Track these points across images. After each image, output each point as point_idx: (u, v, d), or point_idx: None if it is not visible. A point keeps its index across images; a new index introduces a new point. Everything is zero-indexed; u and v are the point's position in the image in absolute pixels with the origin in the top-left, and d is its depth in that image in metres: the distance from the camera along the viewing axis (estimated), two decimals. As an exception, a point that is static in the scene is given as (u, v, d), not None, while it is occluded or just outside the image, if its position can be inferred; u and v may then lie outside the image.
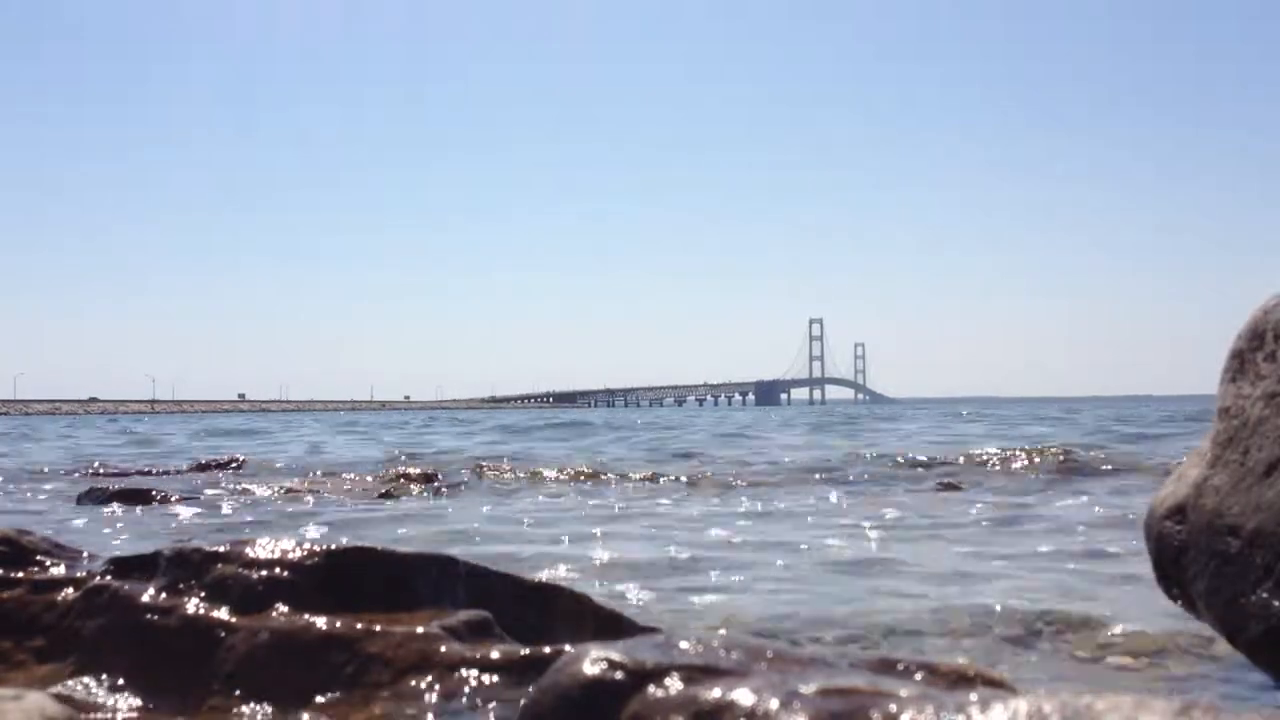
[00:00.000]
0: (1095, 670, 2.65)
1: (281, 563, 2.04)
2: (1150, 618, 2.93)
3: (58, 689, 1.97)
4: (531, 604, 2.16)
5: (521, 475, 9.67)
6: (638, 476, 9.34)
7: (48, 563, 2.29)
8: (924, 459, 10.86)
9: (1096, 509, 6.37)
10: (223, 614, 1.99)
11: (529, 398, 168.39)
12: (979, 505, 6.77)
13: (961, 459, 10.66)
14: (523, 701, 1.41)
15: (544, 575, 3.50)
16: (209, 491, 8.20)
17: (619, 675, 1.32)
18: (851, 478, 9.29)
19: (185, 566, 2.09)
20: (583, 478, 9.42)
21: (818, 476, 9.37)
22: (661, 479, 9.19)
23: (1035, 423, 25.35)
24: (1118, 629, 2.91)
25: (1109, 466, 9.76)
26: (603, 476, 9.51)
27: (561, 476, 9.54)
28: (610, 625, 2.18)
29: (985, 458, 10.54)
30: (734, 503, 7.26)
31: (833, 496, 7.61)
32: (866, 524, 5.76)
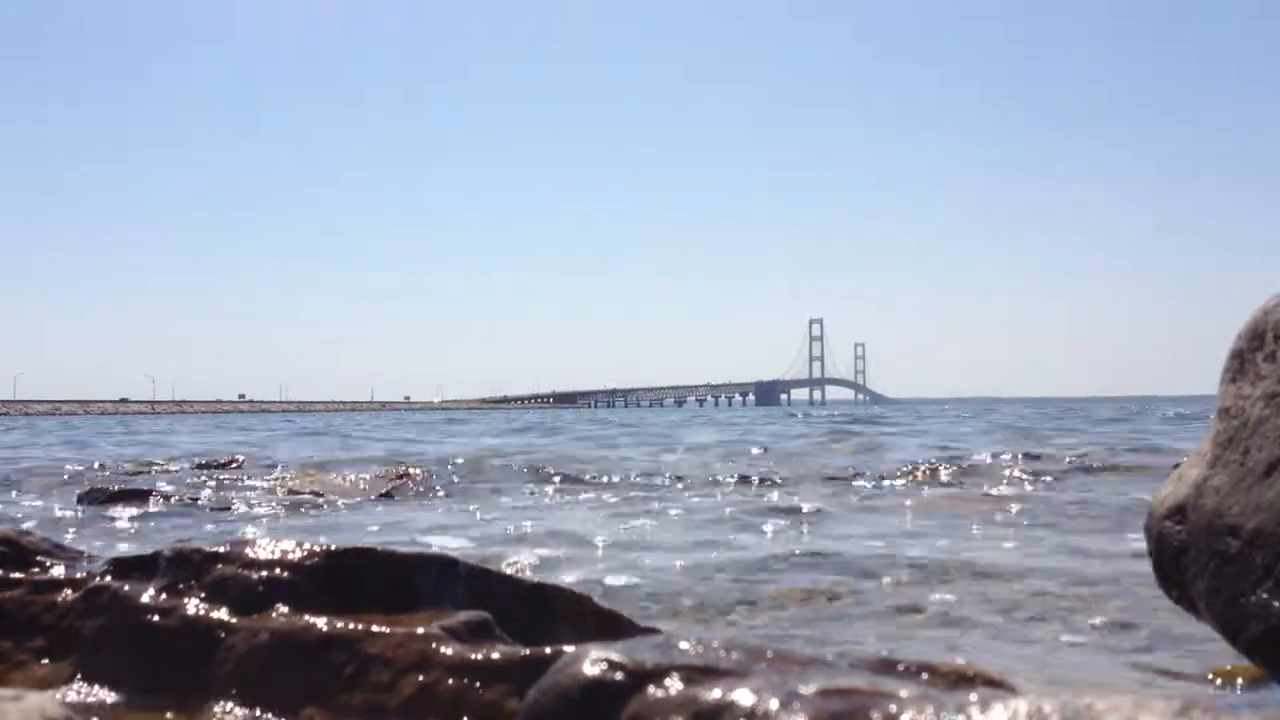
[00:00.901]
0: (1093, 671, 2.65)
1: (281, 563, 2.04)
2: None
3: (58, 689, 1.97)
4: (531, 604, 2.16)
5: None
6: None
7: (48, 563, 2.29)
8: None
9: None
10: (223, 614, 1.99)
11: (530, 398, 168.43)
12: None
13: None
14: (523, 702, 1.41)
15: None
16: (209, 492, 8.20)
17: (619, 676, 1.32)
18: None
19: (185, 567, 2.09)
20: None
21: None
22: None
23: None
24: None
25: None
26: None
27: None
28: (610, 625, 2.18)
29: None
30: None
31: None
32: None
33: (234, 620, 1.97)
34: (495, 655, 1.78)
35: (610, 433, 21.67)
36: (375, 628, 1.88)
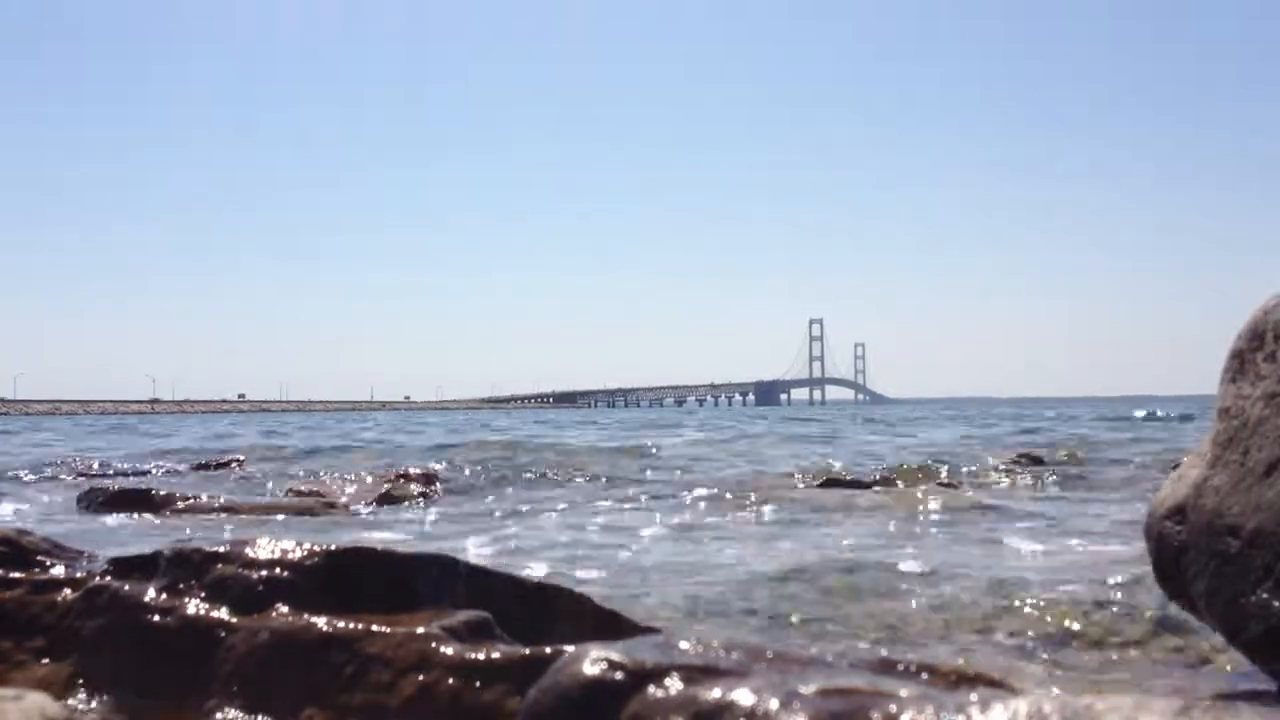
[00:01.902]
0: (1093, 670, 2.65)
1: (281, 563, 2.04)
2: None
3: (58, 689, 1.97)
4: (531, 604, 2.16)
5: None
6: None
7: (48, 563, 2.29)
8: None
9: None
10: (223, 614, 1.99)
11: (530, 398, 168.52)
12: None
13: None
14: (523, 702, 1.41)
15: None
16: (209, 491, 8.20)
17: (619, 675, 1.32)
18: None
19: (185, 566, 2.09)
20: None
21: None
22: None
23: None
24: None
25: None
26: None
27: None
28: (610, 625, 2.18)
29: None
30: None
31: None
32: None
33: (234, 620, 1.97)
34: (495, 655, 1.79)
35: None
36: (375, 628, 1.88)
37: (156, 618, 2.01)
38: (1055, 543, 4.79)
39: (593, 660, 1.35)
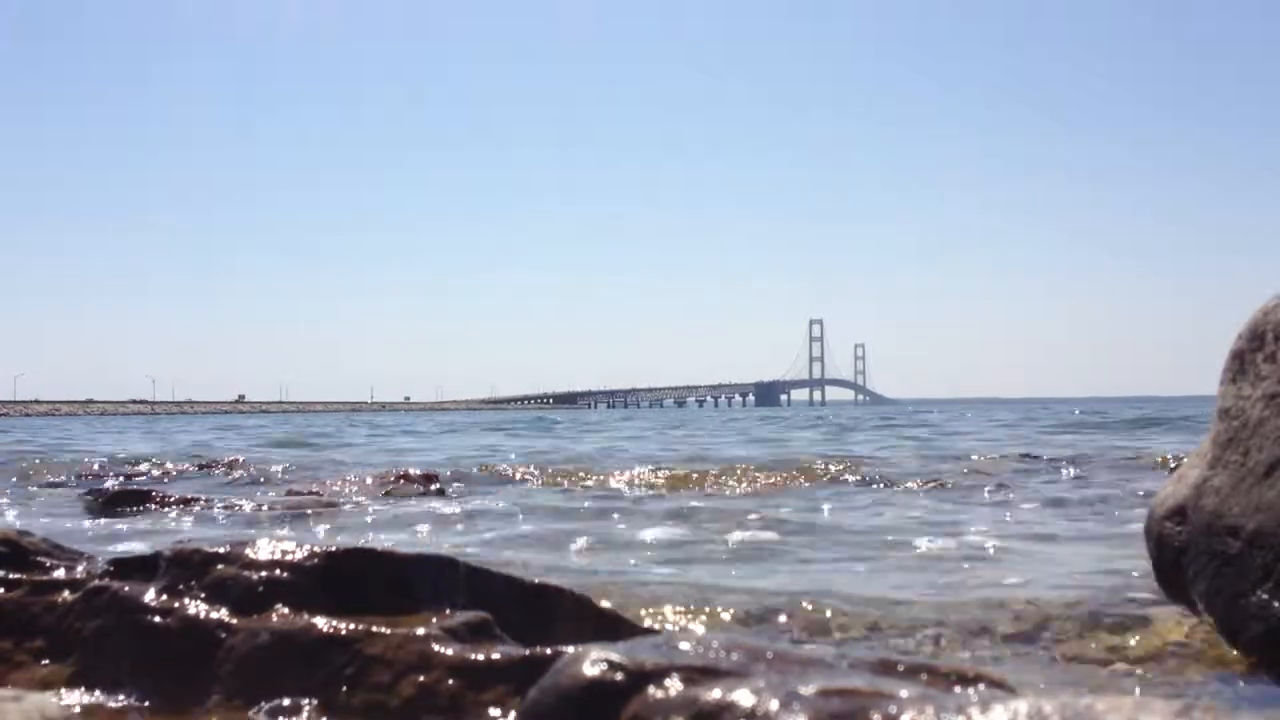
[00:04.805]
0: (1093, 670, 2.65)
1: (281, 564, 2.04)
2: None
3: (57, 690, 1.97)
4: (532, 605, 2.16)
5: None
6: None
7: (48, 564, 2.29)
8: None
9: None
10: (223, 615, 1.99)
11: (529, 398, 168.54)
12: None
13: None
14: (523, 703, 1.41)
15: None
16: (209, 492, 8.20)
17: (619, 676, 1.32)
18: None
19: (185, 567, 2.09)
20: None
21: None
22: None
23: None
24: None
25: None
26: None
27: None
28: (610, 626, 2.18)
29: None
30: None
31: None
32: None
33: (234, 621, 1.97)
34: (495, 655, 1.79)
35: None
36: (375, 628, 1.88)
37: (156, 619, 2.01)
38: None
39: (593, 661, 1.35)
